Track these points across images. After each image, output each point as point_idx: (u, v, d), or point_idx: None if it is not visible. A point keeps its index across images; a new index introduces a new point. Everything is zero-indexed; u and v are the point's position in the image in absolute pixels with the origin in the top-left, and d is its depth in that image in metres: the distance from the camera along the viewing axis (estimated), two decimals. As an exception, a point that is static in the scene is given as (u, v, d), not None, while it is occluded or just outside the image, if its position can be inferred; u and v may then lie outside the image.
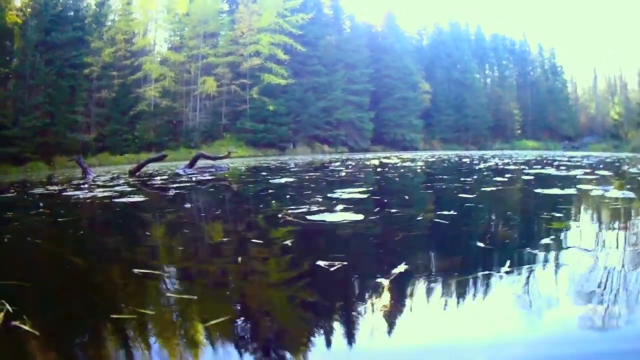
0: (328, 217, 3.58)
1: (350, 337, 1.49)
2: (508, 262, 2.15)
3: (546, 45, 64.38)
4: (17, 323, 1.59)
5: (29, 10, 37.13)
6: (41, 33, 36.15)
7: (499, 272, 2.04)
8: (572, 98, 64.62)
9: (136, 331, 1.57)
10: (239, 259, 2.51)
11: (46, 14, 36.94)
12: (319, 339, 1.49)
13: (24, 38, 35.67)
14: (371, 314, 1.66)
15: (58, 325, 1.66)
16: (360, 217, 3.54)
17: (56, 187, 8.90)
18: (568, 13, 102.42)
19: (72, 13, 40.06)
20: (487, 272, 2.05)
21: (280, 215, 3.81)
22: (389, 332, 1.52)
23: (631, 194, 4.62)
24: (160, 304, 1.87)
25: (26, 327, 1.56)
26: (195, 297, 1.87)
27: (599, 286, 1.81)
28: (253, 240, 2.99)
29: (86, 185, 8.91)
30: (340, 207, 4.11)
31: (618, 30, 72.12)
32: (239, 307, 1.85)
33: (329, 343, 1.46)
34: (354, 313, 1.68)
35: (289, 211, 3.98)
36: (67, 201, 6.29)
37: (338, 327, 1.56)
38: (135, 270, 2.26)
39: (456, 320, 1.61)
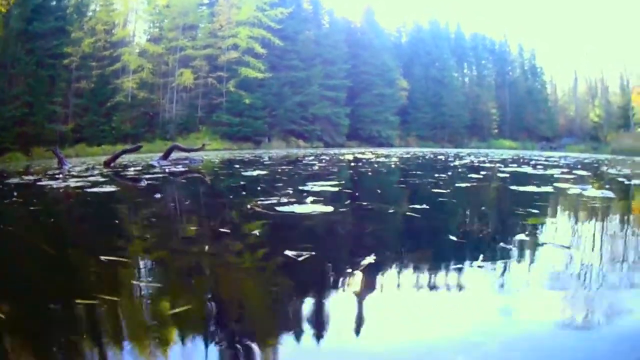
0: (297, 208, 3.52)
1: (316, 328, 1.45)
2: (481, 256, 2.12)
3: (527, 46, 64.92)
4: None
5: (12, -1, 36.93)
6: (23, 22, 35.99)
7: (471, 265, 2.02)
8: (552, 99, 65.19)
9: (99, 317, 1.55)
10: (206, 247, 2.48)
11: (29, 3, 36.77)
12: (284, 328, 1.45)
13: (7, 27, 35.48)
14: (338, 305, 1.62)
15: (24, 309, 1.63)
16: (329, 209, 3.48)
17: (32, 177, 8.81)
18: (550, 13, 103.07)
19: (54, 2, 39.97)
20: (459, 266, 2.02)
21: (249, 206, 3.74)
22: (356, 324, 1.48)
23: (610, 194, 4.59)
24: (126, 290, 1.82)
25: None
26: (160, 285, 1.84)
27: (574, 282, 1.80)
28: (221, 230, 2.93)
29: (61, 176, 8.83)
30: (310, 199, 4.05)
31: (601, 33, 72.75)
32: (204, 296, 1.80)
33: (295, 332, 1.42)
34: (320, 304, 1.64)
35: (259, 202, 3.91)
36: (40, 191, 6.24)
37: (304, 317, 1.53)
38: (102, 258, 2.21)
39: (425, 312, 1.56)
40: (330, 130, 47.16)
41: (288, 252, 2.19)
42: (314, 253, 2.18)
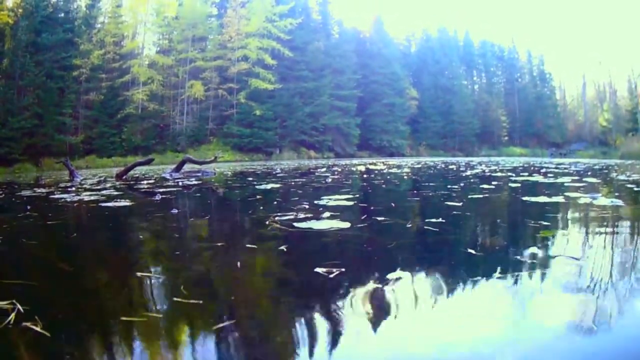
0: (315, 224, 3.54)
1: (356, 343, 1.51)
2: (499, 269, 2.18)
3: (535, 52, 64.83)
4: (28, 324, 1.59)
5: (20, 10, 37.14)
6: (31, 34, 36.25)
7: (490, 278, 2.07)
8: (561, 105, 65.11)
9: (147, 334, 1.59)
10: (238, 264, 2.50)
11: (37, 15, 37.00)
12: (324, 346, 1.49)
13: (15, 38, 35.69)
14: (372, 321, 1.66)
15: (68, 327, 1.66)
16: (347, 224, 3.52)
17: (44, 190, 8.89)
18: (558, 19, 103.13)
19: (62, 15, 40.25)
20: (479, 279, 2.08)
21: (267, 222, 3.77)
22: (393, 339, 1.53)
23: (619, 202, 4.62)
24: (166, 307, 1.87)
25: (37, 329, 1.56)
26: (201, 302, 1.86)
27: (588, 294, 1.82)
28: (248, 246, 2.95)
29: (73, 189, 8.89)
30: (327, 214, 4.09)
31: (609, 37, 72.67)
32: (248, 312, 1.85)
33: (333, 347, 1.47)
34: (356, 320, 1.68)
35: (277, 218, 3.96)
36: (54, 204, 6.24)
37: (342, 333, 1.57)
38: (138, 274, 2.29)
39: (452, 326, 1.60)
40: (340, 140, 47.18)
41: (318, 270, 2.24)
42: (343, 270, 2.22)
